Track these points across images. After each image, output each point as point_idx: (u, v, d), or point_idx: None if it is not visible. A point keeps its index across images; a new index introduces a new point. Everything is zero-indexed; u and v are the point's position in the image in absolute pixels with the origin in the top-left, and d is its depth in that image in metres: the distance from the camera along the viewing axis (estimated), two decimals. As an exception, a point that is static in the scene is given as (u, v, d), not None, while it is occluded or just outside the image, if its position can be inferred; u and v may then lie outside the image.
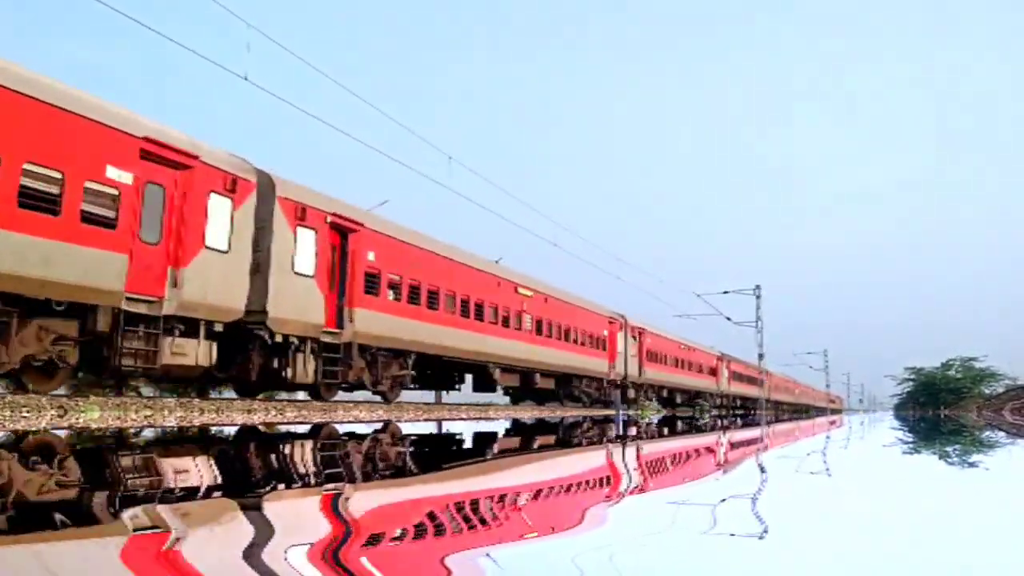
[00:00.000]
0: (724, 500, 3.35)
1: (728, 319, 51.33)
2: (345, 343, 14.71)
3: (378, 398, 16.96)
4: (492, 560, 1.99)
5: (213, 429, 8.54)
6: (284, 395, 16.46)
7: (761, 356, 54.15)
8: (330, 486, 3.51)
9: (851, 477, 5.05)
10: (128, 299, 10.60)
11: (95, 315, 10.34)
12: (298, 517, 2.80)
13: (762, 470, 5.23)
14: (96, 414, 9.58)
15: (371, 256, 15.48)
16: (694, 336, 46.26)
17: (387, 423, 11.20)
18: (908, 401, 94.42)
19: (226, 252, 12.05)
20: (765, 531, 2.52)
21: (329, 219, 14.27)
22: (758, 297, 53.33)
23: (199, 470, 4.30)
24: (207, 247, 11.71)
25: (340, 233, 14.71)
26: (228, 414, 11.67)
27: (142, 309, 10.83)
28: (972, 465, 6.16)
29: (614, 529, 2.52)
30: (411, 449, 6.31)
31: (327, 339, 14.23)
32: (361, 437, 7.66)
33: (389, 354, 16.51)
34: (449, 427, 11.18)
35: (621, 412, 28.80)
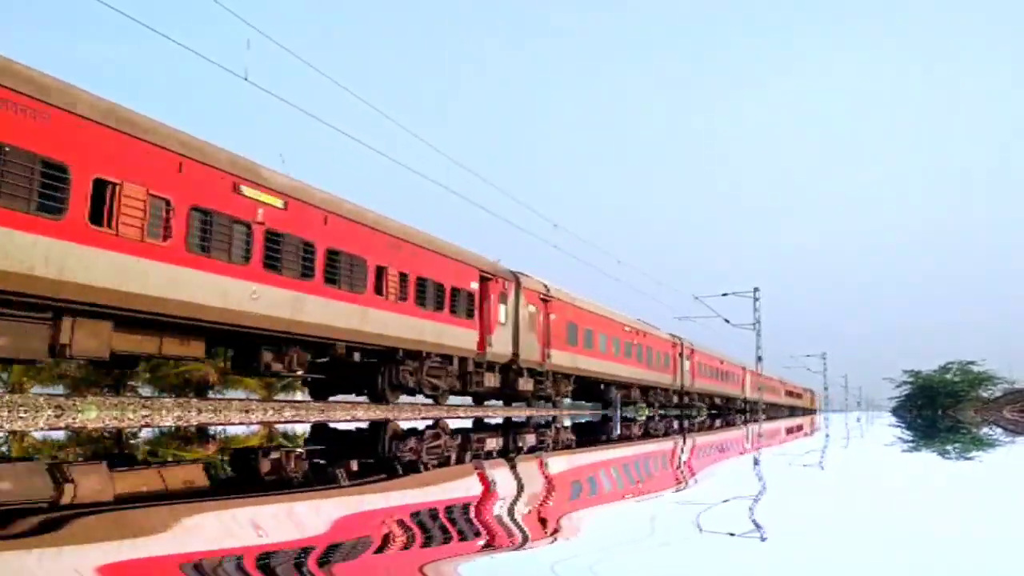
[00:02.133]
0: (727, 501, 3.33)
1: (727, 321, 51.42)
2: (546, 371, 24.25)
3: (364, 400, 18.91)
4: (473, 567, 1.94)
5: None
6: (281, 396, 16.63)
7: (759, 358, 54.20)
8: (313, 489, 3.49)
9: (849, 479, 5.04)
10: (475, 354, 19.67)
11: (465, 362, 19.40)
12: (275, 521, 2.78)
13: (756, 462, 5.21)
14: (93, 414, 9.56)
15: (555, 316, 24.74)
16: (693, 339, 46.36)
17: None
18: (906, 404, 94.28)
19: (504, 324, 21.34)
20: (762, 537, 2.50)
21: (540, 295, 23.77)
22: (756, 299, 53.42)
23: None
24: (499, 323, 20.95)
25: (543, 302, 24.08)
26: (226, 414, 11.66)
27: (478, 359, 19.88)
28: (968, 459, 6.15)
29: (594, 536, 2.45)
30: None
31: (539, 368, 23.66)
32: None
33: (563, 376, 26.19)
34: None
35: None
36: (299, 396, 26.60)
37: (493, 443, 7.05)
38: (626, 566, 2.00)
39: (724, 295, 51.22)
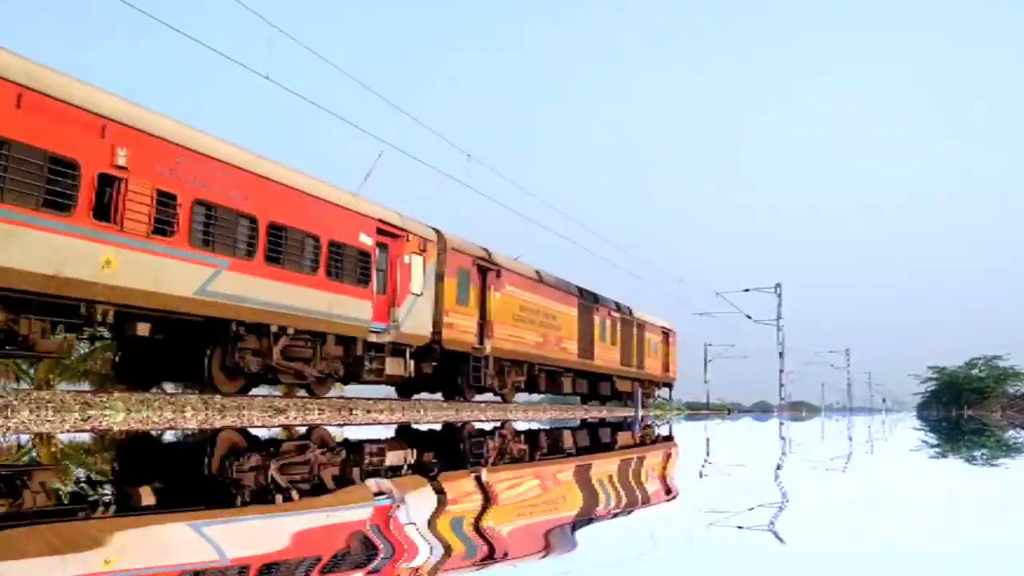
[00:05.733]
0: (752, 508, 3.30)
1: (749, 317, 51.09)
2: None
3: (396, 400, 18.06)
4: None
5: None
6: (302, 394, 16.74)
7: (781, 354, 53.81)
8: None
9: (870, 489, 4.98)
10: None
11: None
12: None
13: (778, 467, 5.16)
14: (120, 417, 9.65)
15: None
16: (714, 336, 45.72)
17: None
18: (931, 400, 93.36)
19: None
20: (779, 538, 2.47)
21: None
22: (779, 295, 53.04)
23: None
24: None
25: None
26: (248, 414, 11.76)
27: None
28: (994, 465, 6.07)
29: (587, 552, 2.34)
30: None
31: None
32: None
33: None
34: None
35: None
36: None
37: None
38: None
39: (746, 291, 50.92)
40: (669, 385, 37.70)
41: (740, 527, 2.75)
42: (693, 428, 14.57)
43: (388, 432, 9.41)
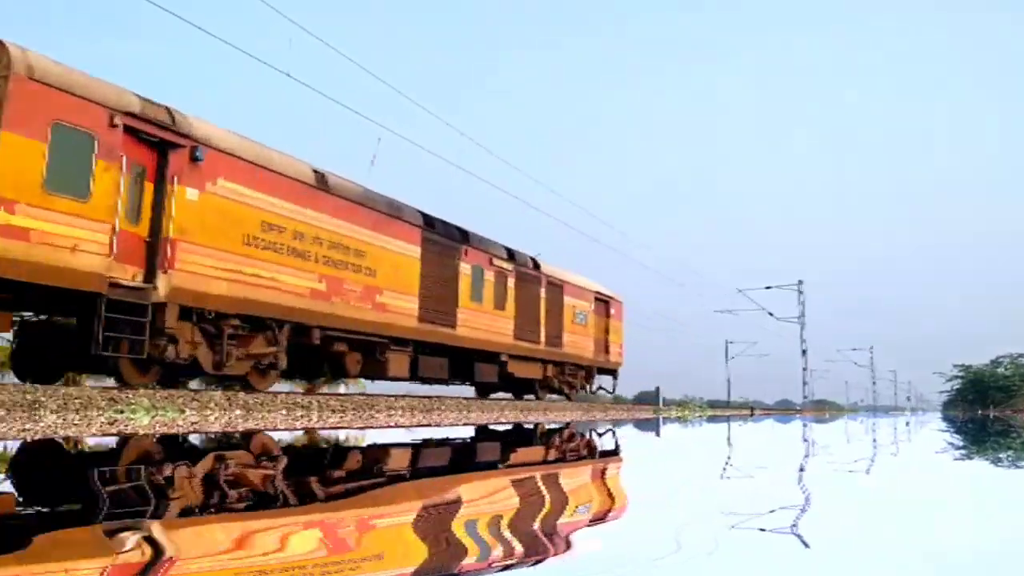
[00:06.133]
0: (774, 511, 3.29)
1: (771, 314, 50.76)
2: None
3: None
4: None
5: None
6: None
7: (804, 352, 53.35)
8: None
9: (904, 498, 4.94)
10: None
11: None
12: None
13: (801, 469, 5.11)
14: (146, 420, 9.67)
15: None
16: (734, 333, 45.32)
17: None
18: (957, 399, 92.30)
19: None
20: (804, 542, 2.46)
21: None
22: (800, 292, 52.59)
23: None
24: None
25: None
26: (272, 416, 11.75)
27: None
28: (1019, 467, 6.00)
29: (610, 554, 2.32)
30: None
31: None
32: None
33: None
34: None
35: None
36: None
37: None
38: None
39: (768, 288, 50.60)
40: (612, 372, 27.41)
41: (763, 529, 2.75)
42: (716, 430, 14.48)
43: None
